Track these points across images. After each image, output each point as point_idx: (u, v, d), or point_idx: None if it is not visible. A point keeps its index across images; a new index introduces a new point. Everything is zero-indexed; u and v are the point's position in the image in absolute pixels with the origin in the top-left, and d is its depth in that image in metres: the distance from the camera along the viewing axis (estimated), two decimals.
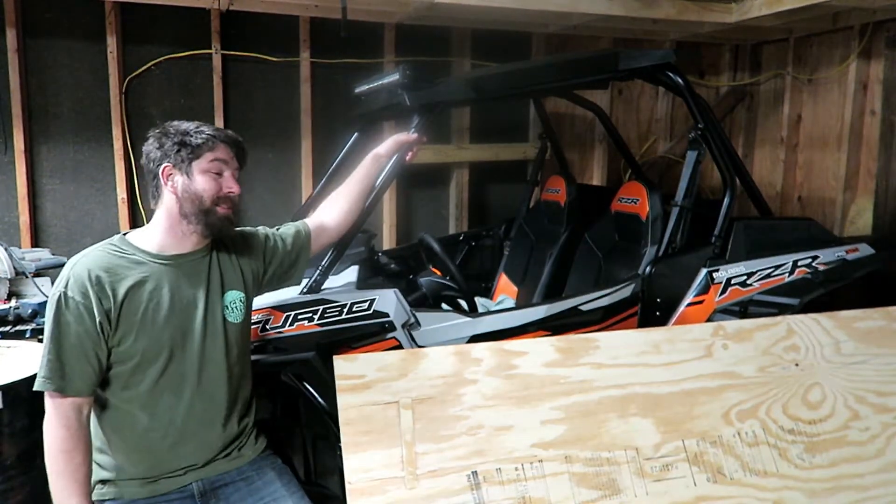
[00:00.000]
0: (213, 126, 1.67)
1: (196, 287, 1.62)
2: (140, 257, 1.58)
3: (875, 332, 1.92)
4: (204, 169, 1.60)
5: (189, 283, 1.61)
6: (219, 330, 1.65)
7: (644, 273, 2.45)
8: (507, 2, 2.95)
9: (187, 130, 1.61)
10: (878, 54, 3.53)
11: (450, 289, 2.44)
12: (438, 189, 3.87)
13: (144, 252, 1.59)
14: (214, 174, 1.61)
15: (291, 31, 3.38)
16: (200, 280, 1.64)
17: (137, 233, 1.65)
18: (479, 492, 1.48)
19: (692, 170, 2.49)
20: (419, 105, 2.24)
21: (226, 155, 1.64)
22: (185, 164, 1.59)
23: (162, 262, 1.59)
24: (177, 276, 1.60)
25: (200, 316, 1.62)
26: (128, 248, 1.59)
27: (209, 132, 1.62)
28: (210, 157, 1.61)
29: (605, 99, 4.00)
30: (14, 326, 2.39)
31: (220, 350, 1.64)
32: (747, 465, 1.64)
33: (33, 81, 3.05)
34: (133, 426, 1.57)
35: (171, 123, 1.64)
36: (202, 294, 1.63)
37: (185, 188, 1.59)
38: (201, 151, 1.60)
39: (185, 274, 1.61)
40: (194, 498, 1.61)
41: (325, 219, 2.00)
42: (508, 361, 1.66)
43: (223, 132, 1.67)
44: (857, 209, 3.69)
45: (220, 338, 1.65)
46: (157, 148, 1.60)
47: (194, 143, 1.59)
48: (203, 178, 1.60)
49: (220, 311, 1.66)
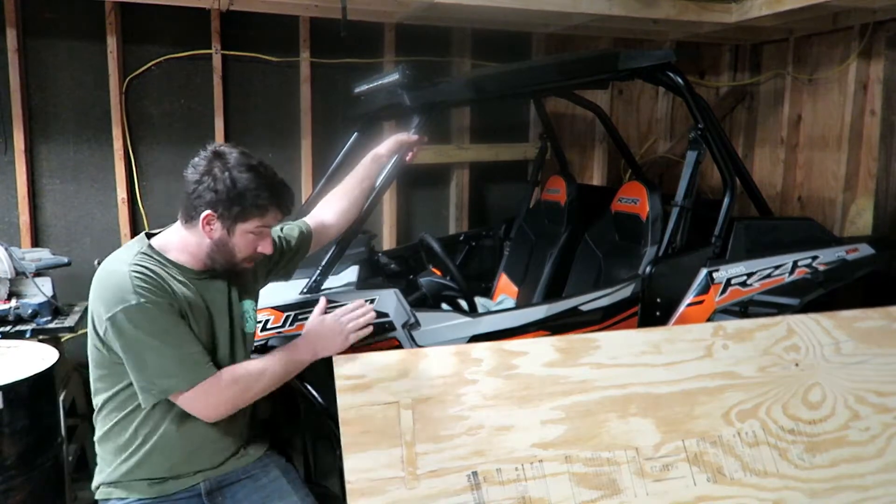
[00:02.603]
0: (273, 183, 1.56)
1: (221, 301, 1.64)
2: (171, 268, 1.56)
3: (875, 332, 1.92)
4: (247, 231, 1.55)
5: (215, 298, 1.63)
6: (240, 340, 1.68)
7: (644, 273, 2.45)
8: (507, 2, 2.95)
9: (246, 190, 1.50)
10: (879, 54, 3.53)
11: (450, 289, 2.44)
12: (438, 189, 3.87)
13: (174, 264, 1.58)
14: (255, 236, 1.57)
15: (291, 31, 3.38)
16: (223, 294, 1.65)
17: (162, 242, 1.61)
18: (479, 492, 1.48)
19: (692, 170, 2.49)
20: (419, 105, 2.24)
21: (274, 220, 1.59)
22: (230, 222, 1.53)
23: (192, 275, 1.59)
24: (205, 291, 1.61)
25: (226, 329, 1.63)
26: (159, 257, 1.57)
27: (267, 197, 1.53)
28: (257, 223, 1.55)
29: (605, 99, 4.00)
30: (14, 326, 2.40)
31: (242, 359, 1.67)
32: (747, 465, 1.64)
33: (33, 81, 3.05)
34: (158, 430, 1.56)
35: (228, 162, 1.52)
36: (226, 308, 1.64)
37: (221, 241, 1.55)
38: (251, 216, 1.54)
39: (211, 289, 1.62)
40: (201, 496, 1.62)
41: (326, 218, 2.00)
42: (508, 361, 1.65)
43: (281, 196, 1.57)
44: (857, 209, 3.68)
45: (241, 347, 1.68)
46: (209, 189, 1.50)
47: (248, 206, 1.52)
48: (242, 240, 1.56)
49: (241, 321, 1.68)
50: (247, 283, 1.73)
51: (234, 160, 1.52)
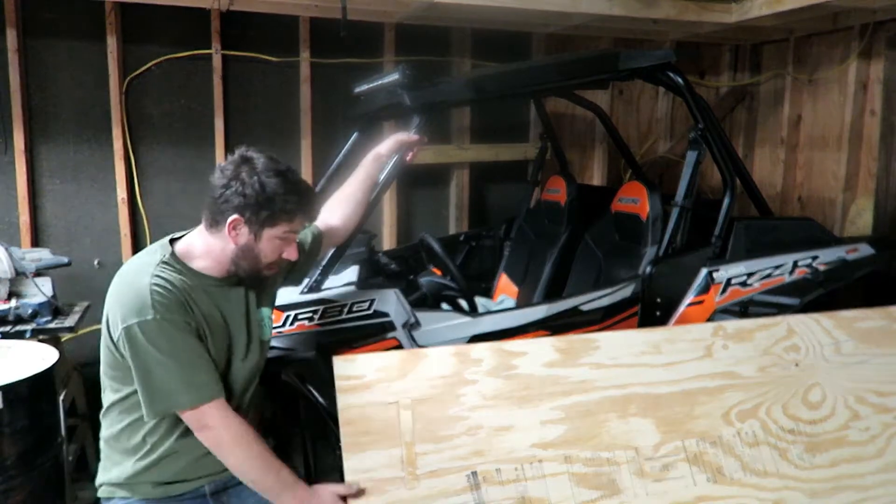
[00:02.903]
0: (300, 189, 1.55)
1: (239, 309, 1.63)
2: (192, 278, 1.55)
3: (875, 332, 1.92)
4: (274, 236, 1.54)
5: (234, 306, 1.62)
6: (256, 348, 1.67)
7: (644, 273, 2.45)
8: (507, 2, 2.95)
9: (275, 194, 1.49)
10: (879, 54, 3.53)
11: (450, 289, 2.44)
12: (438, 189, 3.87)
13: (196, 273, 1.56)
14: (281, 241, 1.56)
15: (291, 31, 3.38)
16: (241, 302, 1.64)
17: (186, 248, 1.59)
18: (478, 492, 1.48)
19: (692, 170, 2.49)
20: (419, 105, 2.24)
21: (300, 226, 1.59)
22: (257, 227, 1.51)
23: (212, 284, 1.58)
24: (224, 299, 1.60)
25: (244, 337, 1.63)
26: (181, 266, 1.55)
27: (296, 202, 1.52)
28: (285, 228, 1.54)
29: (605, 99, 4.00)
30: (14, 326, 2.40)
31: (256, 367, 1.67)
32: (747, 465, 1.64)
33: (33, 81, 3.05)
34: (166, 441, 1.56)
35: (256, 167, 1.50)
36: (243, 316, 1.64)
37: (247, 246, 1.53)
38: (280, 220, 1.52)
39: (231, 296, 1.61)
40: (206, 498, 1.62)
41: (334, 222, 2.01)
42: (508, 362, 1.65)
43: (309, 202, 1.57)
44: (857, 209, 3.68)
45: (257, 354, 1.67)
46: (237, 194, 1.48)
47: (277, 211, 1.50)
48: (269, 245, 1.54)
49: (258, 328, 1.67)
50: (265, 290, 1.72)
51: (262, 165, 1.51)
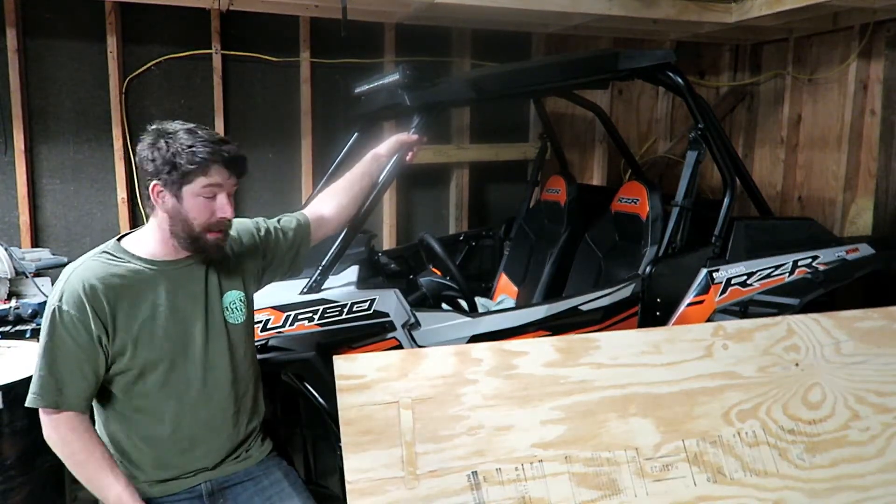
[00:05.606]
0: (209, 140, 1.50)
1: (194, 292, 1.60)
2: (136, 265, 1.54)
3: (875, 332, 1.92)
4: (195, 193, 1.49)
5: (187, 289, 1.59)
6: (220, 333, 1.63)
7: (644, 273, 2.45)
8: (507, 2, 2.95)
9: (179, 150, 1.46)
10: (879, 54, 3.53)
11: (450, 289, 2.44)
12: (438, 189, 3.87)
13: (140, 259, 1.55)
14: (206, 198, 1.51)
15: (291, 31, 3.38)
16: (198, 284, 1.61)
17: (133, 238, 1.61)
18: (479, 492, 1.48)
19: (692, 170, 2.49)
20: (419, 105, 2.24)
21: (220, 178, 1.51)
22: (175, 186, 1.48)
23: (158, 269, 1.56)
24: (174, 282, 1.57)
25: (201, 321, 1.59)
26: (123, 255, 1.55)
27: (202, 154, 1.46)
28: (203, 182, 1.49)
29: (605, 99, 4.00)
30: (14, 326, 2.39)
31: (224, 353, 1.63)
32: (747, 465, 1.64)
33: (33, 81, 3.05)
34: (142, 433, 1.56)
35: (167, 130, 1.49)
36: (201, 298, 1.60)
37: (174, 210, 1.51)
38: (192, 176, 1.47)
39: (182, 279, 1.58)
40: (202, 497, 1.62)
41: (324, 212, 1.95)
42: (508, 361, 1.65)
43: (218, 151, 1.49)
44: (857, 209, 3.69)
45: (223, 340, 1.63)
46: (150, 160, 1.48)
47: (184, 168, 1.46)
48: (193, 203, 1.50)
49: (221, 313, 1.64)
50: (231, 271, 1.68)
51: (171, 128, 1.50)
